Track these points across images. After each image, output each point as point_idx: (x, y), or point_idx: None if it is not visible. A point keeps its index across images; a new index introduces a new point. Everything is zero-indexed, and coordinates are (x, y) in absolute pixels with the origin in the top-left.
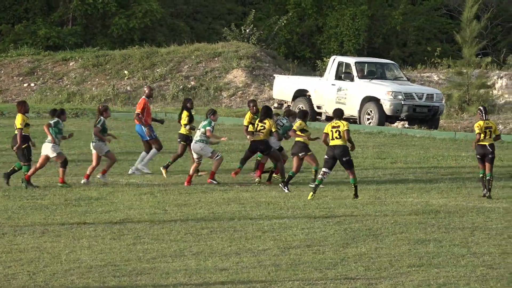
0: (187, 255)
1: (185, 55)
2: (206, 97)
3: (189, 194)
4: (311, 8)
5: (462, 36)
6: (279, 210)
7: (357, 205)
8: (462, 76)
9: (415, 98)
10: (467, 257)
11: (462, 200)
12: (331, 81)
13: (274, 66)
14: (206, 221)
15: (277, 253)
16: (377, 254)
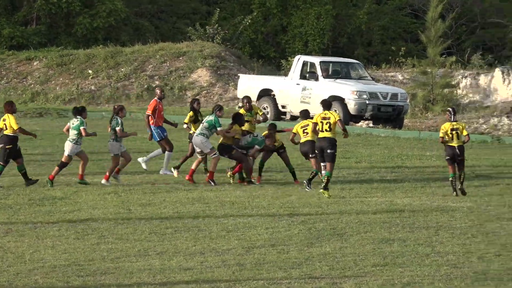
0: (151, 254)
1: (149, 54)
2: (170, 97)
3: (153, 193)
4: (275, 8)
5: (426, 35)
6: (244, 209)
7: (322, 205)
8: (427, 75)
9: (379, 97)
10: (431, 256)
11: (427, 199)
12: (295, 81)
13: (239, 66)
14: (171, 221)
15: (242, 253)
16: (341, 253)
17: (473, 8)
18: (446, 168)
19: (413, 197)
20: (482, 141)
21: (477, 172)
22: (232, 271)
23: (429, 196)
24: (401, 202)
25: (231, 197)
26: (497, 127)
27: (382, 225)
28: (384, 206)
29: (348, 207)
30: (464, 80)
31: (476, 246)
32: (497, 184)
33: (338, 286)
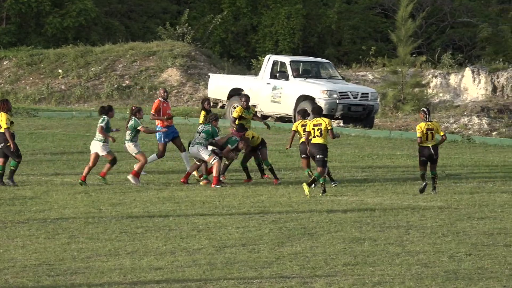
0: (121, 254)
1: (119, 54)
2: (140, 96)
3: (123, 193)
4: (246, 7)
5: (397, 35)
6: (214, 209)
7: (292, 204)
8: (397, 75)
9: (350, 97)
10: (402, 256)
11: (397, 199)
12: (266, 80)
13: (209, 65)
14: (141, 220)
15: (212, 252)
16: (312, 253)
17: (443, 8)
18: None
19: (383, 196)
20: (452, 141)
21: (447, 172)
22: (202, 271)
23: (400, 196)
24: (371, 202)
25: (201, 197)
26: (467, 126)
27: (353, 225)
28: (354, 205)
29: (319, 207)
30: (434, 79)
31: (447, 245)
32: (468, 184)
33: (309, 286)
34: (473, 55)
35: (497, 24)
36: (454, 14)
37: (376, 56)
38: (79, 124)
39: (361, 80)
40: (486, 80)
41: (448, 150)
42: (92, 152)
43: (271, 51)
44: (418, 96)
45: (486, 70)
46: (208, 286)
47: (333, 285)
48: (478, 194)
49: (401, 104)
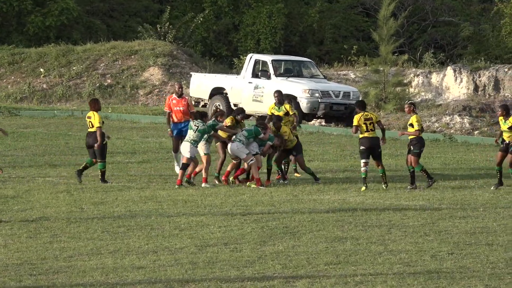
0: (104, 253)
1: (101, 53)
2: (122, 95)
3: (105, 192)
4: (227, 6)
5: (379, 34)
6: (196, 208)
7: (274, 203)
8: (379, 74)
9: (332, 96)
10: (384, 255)
11: (379, 198)
12: (248, 79)
13: (191, 64)
14: (123, 219)
15: (194, 251)
16: (294, 252)
17: (425, 7)
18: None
19: (365, 195)
20: (434, 140)
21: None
22: (185, 270)
23: (382, 195)
24: (353, 201)
25: (183, 196)
26: (449, 125)
27: (335, 224)
28: (337, 204)
29: (301, 206)
30: (416, 78)
31: (429, 244)
32: (450, 183)
33: (291, 285)
34: (454, 54)
35: (478, 23)
36: (436, 13)
37: (358, 55)
38: (61, 123)
39: (343, 79)
40: (467, 79)
41: (430, 149)
42: None
43: (253, 50)
44: (400, 95)
45: (467, 69)
46: (190, 285)
47: (315, 284)
48: (460, 193)
49: (383, 103)
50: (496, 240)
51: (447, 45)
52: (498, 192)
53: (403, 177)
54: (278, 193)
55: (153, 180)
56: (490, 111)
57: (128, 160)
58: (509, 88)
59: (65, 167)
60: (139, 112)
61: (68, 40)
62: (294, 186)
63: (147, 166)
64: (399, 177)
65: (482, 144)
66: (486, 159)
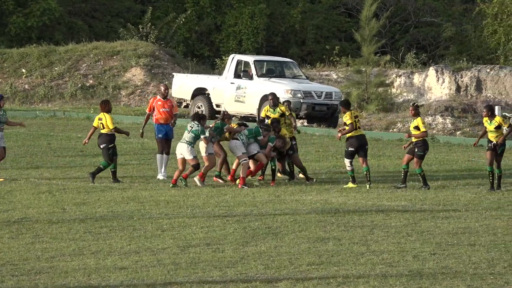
0: (86, 254)
1: (83, 53)
2: (104, 96)
3: (87, 193)
4: (209, 7)
5: (361, 34)
6: (179, 208)
7: (257, 204)
8: (361, 74)
9: (314, 96)
10: (366, 255)
11: (361, 198)
12: (230, 80)
13: (173, 65)
14: (105, 220)
15: (177, 252)
16: (276, 252)
17: (407, 7)
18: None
19: (348, 196)
20: None
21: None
22: (167, 270)
23: (364, 195)
24: (336, 201)
25: (165, 196)
26: (431, 125)
27: (317, 224)
28: (319, 205)
29: (283, 206)
30: (398, 79)
31: (411, 244)
32: (432, 183)
33: (274, 285)
34: (437, 54)
35: (460, 23)
36: (418, 13)
37: (340, 55)
38: (43, 124)
39: (325, 80)
40: (450, 79)
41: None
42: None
43: (235, 50)
44: (382, 96)
45: (450, 70)
46: (172, 285)
47: (297, 285)
48: (442, 194)
49: (365, 103)
50: (478, 240)
51: (429, 46)
52: (480, 192)
53: (385, 178)
54: (261, 194)
55: (135, 181)
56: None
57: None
58: (491, 89)
59: (47, 168)
60: (121, 112)
61: (50, 41)
62: (277, 187)
63: (129, 166)
64: (381, 178)
65: (464, 145)
66: (468, 159)
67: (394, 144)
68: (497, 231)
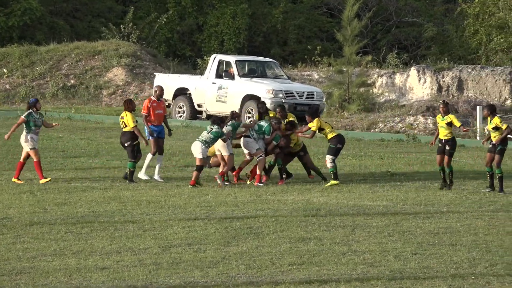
0: (67, 254)
1: (64, 53)
2: (86, 96)
3: (69, 193)
4: (191, 7)
5: (343, 34)
6: (160, 208)
7: (238, 204)
8: (343, 74)
9: (295, 96)
10: (348, 255)
11: (343, 198)
12: (211, 80)
13: (155, 65)
14: (87, 220)
15: (158, 252)
16: (258, 252)
17: (388, 7)
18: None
19: (329, 196)
20: (397, 140)
21: (393, 171)
22: (148, 270)
23: (346, 195)
24: (317, 201)
25: (147, 196)
26: (413, 126)
27: (299, 224)
28: (300, 205)
29: (265, 206)
30: (380, 79)
31: (393, 244)
32: (413, 183)
33: (255, 285)
34: (418, 54)
35: (442, 23)
36: (400, 13)
37: (322, 55)
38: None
39: (306, 80)
40: (431, 79)
41: (393, 150)
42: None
43: (217, 50)
44: (364, 96)
45: (431, 70)
46: (153, 286)
47: (279, 285)
48: (424, 193)
49: (346, 103)
50: (460, 240)
51: (411, 46)
52: (462, 192)
53: (366, 178)
54: (242, 194)
55: (117, 181)
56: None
57: (92, 161)
58: (473, 89)
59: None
60: (103, 112)
61: (31, 41)
62: (258, 187)
63: (111, 166)
64: (363, 178)
65: None
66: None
67: (376, 144)
68: (479, 231)
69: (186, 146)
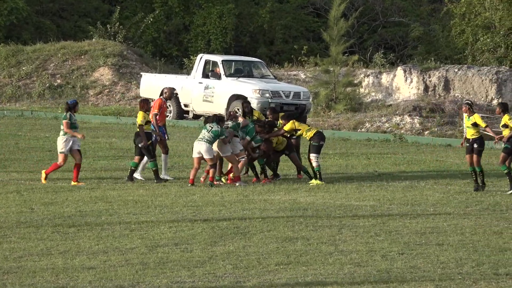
0: (54, 253)
1: (51, 53)
2: (72, 95)
3: (56, 192)
4: (178, 7)
5: (329, 34)
6: (147, 208)
7: (225, 203)
8: (329, 74)
9: (282, 96)
10: (334, 255)
11: (330, 198)
12: (198, 79)
13: (141, 64)
14: (73, 220)
15: (145, 252)
16: (245, 252)
17: (375, 7)
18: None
19: (316, 195)
20: (384, 140)
21: (379, 171)
22: (135, 270)
23: (332, 195)
24: (304, 201)
25: (134, 196)
26: (399, 125)
27: (286, 224)
28: (287, 204)
29: (252, 206)
30: (366, 78)
31: (379, 244)
32: (400, 183)
33: (242, 285)
34: (405, 54)
35: (428, 23)
36: (386, 13)
37: (308, 55)
38: (11, 124)
39: (293, 80)
40: (418, 79)
41: (380, 149)
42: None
43: (203, 50)
44: (350, 95)
45: (418, 69)
46: (141, 285)
47: (266, 284)
48: (411, 193)
49: (333, 103)
50: (447, 240)
51: (397, 46)
52: (449, 192)
53: (353, 177)
54: (229, 194)
55: (104, 181)
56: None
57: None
58: (459, 88)
59: (15, 168)
60: (89, 112)
61: (18, 40)
62: (245, 186)
63: (97, 166)
64: (349, 178)
65: (432, 144)
66: (436, 159)
67: (362, 144)
68: (465, 231)
69: (173, 146)
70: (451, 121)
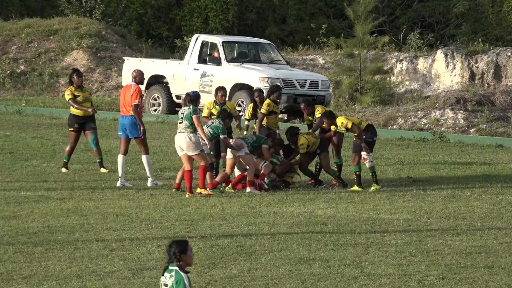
0: (16, 279)
1: (13, 33)
2: (39, 85)
3: (19, 203)
4: None
5: (354, 10)
6: (131, 223)
7: (226, 217)
8: (354, 59)
9: (296, 86)
10: (360, 280)
11: (354, 210)
12: (193, 65)
13: (124, 47)
14: (40, 237)
15: (128, 276)
16: (250, 276)
17: None
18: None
19: (337, 207)
20: (421, 139)
21: (415, 177)
22: None
23: (357, 206)
24: (323, 214)
25: (114, 208)
26: (439, 121)
27: (300, 242)
28: (302, 218)
29: (259, 220)
30: (399, 64)
31: (415, 267)
32: (440, 191)
33: None
34: (446, 34)
35: None
36: None
37: (328, 36)
38: None
39: (309, 65)
40: (462, 65)
41: (416, 151)
42: None
43: (200, 30)
44: (380, 85)
45: (462, 53)
46: None
47: None
48: (453, 204)
49: (358, 94)
50: (497, 262)
51: (437, 24)
52: (500, 203)
53: (383, 185)
54: (231, 205)
55: (77, 189)
56: (489, 104)
57: (47, 165)
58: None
59: None
60: (60, 105)
61: None
62: (250, 196)
63: (70, 171)
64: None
65: (479, 145)
66: (485, 162)
67: (394, 144)
68: None
69: (162, 147)
70: (503, 116)
